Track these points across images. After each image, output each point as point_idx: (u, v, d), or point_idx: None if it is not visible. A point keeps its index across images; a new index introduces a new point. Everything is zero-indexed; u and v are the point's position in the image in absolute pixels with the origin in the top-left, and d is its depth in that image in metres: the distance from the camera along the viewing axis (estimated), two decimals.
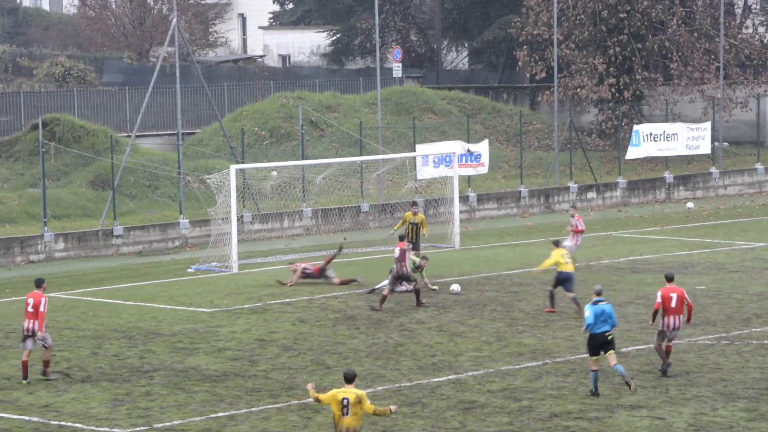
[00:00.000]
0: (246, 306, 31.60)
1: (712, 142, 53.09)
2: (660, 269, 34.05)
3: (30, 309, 24.66)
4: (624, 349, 26.14)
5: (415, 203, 37.07)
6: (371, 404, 17.61)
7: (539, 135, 59.24)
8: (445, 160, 44.04)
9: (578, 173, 51.88)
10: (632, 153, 51.17)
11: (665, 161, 53.10)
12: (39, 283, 25.15)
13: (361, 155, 47.41)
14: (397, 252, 31.08)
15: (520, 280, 33.93)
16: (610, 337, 23.14)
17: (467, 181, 47.82)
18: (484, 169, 46.34)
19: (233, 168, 37.62)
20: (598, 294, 23.45)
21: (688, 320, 24.72)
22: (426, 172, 45.16)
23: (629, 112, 57.21)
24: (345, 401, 17.40)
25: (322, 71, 72.24)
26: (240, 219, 41.39)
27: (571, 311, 29.41)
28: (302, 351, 26.63)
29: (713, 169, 53.69)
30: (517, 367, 25.13)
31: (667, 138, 51.50)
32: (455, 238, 40.64)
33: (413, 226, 35.09)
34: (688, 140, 51.91)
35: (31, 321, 24.64)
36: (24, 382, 24.57)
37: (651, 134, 51.28)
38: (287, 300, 32.18)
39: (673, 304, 24.36)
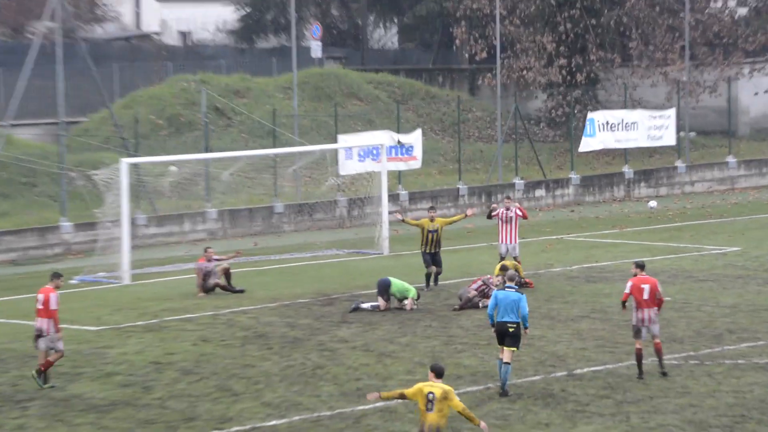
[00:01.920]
0: (139, 323, 31.39)
1: (677, 132, 53.48)
2: (619, 278, 34.10)
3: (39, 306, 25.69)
4: (578, 371, 26.10)
5: (432, 207, 35.69)
6: (460, 402, 18.94)
7: (480, 124, 59.40)
8: (372, 153, 44.18)
9: (525, 168, 52.02)
10: (586, 144, 51.40)
11: (624, 154, 53.38)
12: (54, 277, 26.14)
13: (274, 147, 47.30)
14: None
15: (458, 291, 33.83)
16: (512, 330, 24.12)
17: (397, 177, 47.84)
18: (416, 164, 46.52)
19: (125, 162, 37.54)
20: (511, 279, 24.48)
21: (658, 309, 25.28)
22: (350, 166, 45.18)
23: (583, 97, 57.51)
24: (431, 395, 18.90)
25: (229, 51, 72.17)
26: (133, 222, 41.15)
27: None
28: (205, 375, 26.41)
29: (679, 163, 54.06)
30: (456, 392, 24.93)
31: (626, 127, 51.81)
32: (384, 243, 40.66)
33: (432, 234, 33.71)
34: (649, 130, 52.27)
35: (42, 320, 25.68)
36: (45, 386, 25.49)
37: (607, 123, 51.57)
38: (188, 316, 31.99)
39: (645, 296, 24.85)
